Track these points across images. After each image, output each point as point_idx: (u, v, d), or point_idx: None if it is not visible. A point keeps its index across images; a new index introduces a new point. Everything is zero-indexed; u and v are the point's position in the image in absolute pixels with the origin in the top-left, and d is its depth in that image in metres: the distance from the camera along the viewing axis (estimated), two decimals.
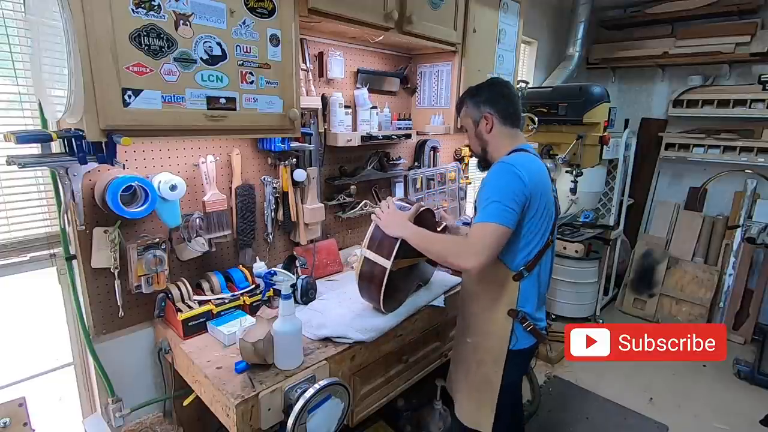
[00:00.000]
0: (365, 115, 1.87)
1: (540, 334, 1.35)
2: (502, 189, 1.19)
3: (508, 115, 1.34)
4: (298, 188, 1.71)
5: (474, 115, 1.37)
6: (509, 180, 1.20)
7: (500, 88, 1.36)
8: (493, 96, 1.34)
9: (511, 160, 1.24)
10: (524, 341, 1.34)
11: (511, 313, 1.31)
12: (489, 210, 1.18)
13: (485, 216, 1.18)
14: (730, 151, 3.37)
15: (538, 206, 1.24)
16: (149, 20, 1.03)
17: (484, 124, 1.35)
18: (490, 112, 1.33)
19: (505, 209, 1.17)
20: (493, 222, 1.16)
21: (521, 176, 1.19)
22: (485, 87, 1.38)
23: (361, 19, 1.51)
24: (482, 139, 1.37)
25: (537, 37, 3.41)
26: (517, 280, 1.29)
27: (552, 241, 1.33)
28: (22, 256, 1.28)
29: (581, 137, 2.40)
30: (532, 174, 1.22)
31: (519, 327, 1.32)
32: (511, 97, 1.35)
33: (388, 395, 1.55)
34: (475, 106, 1.36)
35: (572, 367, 2.83)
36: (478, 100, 1.36)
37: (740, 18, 3.25)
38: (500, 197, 1.18)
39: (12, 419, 1.20)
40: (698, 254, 3.53)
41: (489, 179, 1.24)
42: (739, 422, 2.39)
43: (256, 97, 1.27)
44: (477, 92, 1.38)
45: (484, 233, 1.17)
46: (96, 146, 1.07)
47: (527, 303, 1.32)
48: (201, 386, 1.24)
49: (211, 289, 1.49)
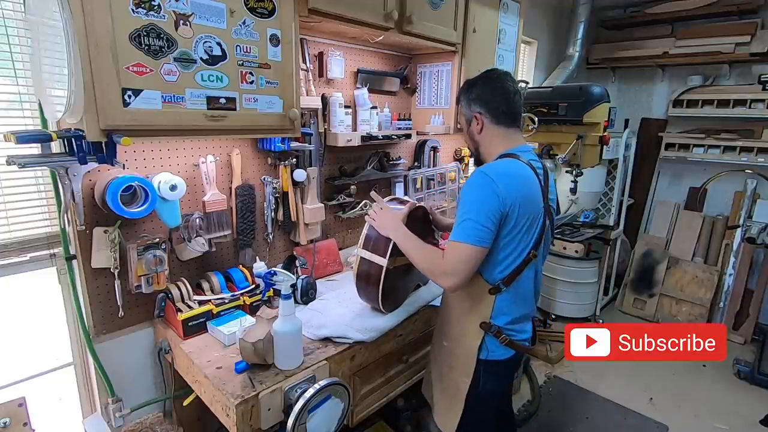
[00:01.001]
0: (365, 115, 1.87)
1: (520, 346, 1.28)
2: (476, 205, 1.13)
3: (501, 114, 1.24)
4: (298, 188, 1.71)
5: (466, 113, 1.30)
6: (484, 196, 1.13)
7: (494, 84, 1.26)
8: (485, 93, 1.25)
9: (488, 169, 1.16)
10: (499, 352, 1.26)
11: (483, 326, 1.24)
12: (463, 228, 1.13)
13: (460, 235, 1.13)
14: (730, 151, 3.37)
15: (517, 221, 1.15)
16: (149, 20, 1.03)
17: (474, 125, 1.27)
18: (480, 111, 1.25)
19: (480, 228, 1.11)
20: (467, 243, 1.11)
21: (496, 191, 1.11)
22: (479, 82, 1.27)
23: (361, 19, 1.51)
24: (473, 140, 1.31)
25: (537, 37, 3.41)
26: (492, 293, 1.21)
27: (535, 256, 1.22)
28: (22, 256, 1.28)
29: (581, 137, 2.39)
30: (511, 185, 1.14)
31: (492, 340, 1.25)
32: (505, 94, 1.24)
33: (388, 395, 1.55)
34: (467, 103, 1.29)
35: (572, 367, 2.82)
36: (470, 98, 1.27)
37: (740, 18, 3.25)
38: (475, 215, 1.12)
39: (12, 419, 1.20)
40: (698, 254, 3.53)
41: (465, 191, 1.17)
42: (739, 422, 2.39)
43: (256, 97, 1.27)
44: (471, 87, 1.28)
45: (458, 255, 1.13)
46: (96, 146, 1.07)
47: (502, 317, 1.24)
48: (201, 386, 1.24)
49: (211, 289, 1.49)
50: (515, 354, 1.29)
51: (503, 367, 1.32)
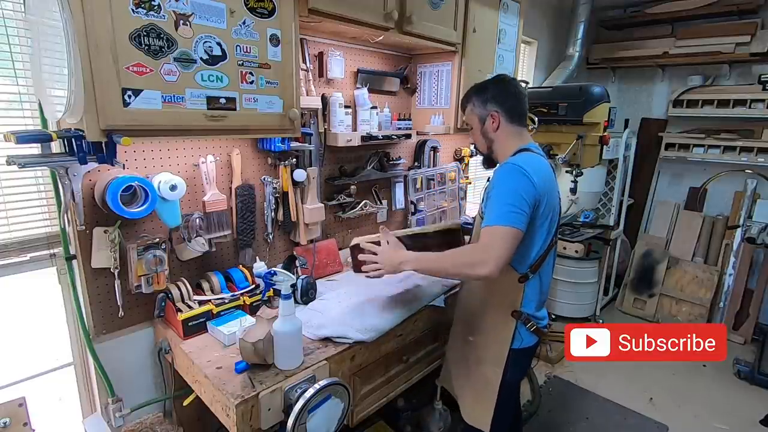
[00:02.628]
0: (365, 115, 1.87)
1: (542, 332, 1.36)
2: (511, 191, 1.16)
3: (515, 113, 1.33)
4: (298, 188, 1.71)
5: (480, 112, 1.35)
6: (518, 181, 1.17)
7: (507, 86, 1.35)
8: (500, 94, 1.32)
9: (519, 161, 1.22)
10: (528, 340, 1.35)
11: (515, 315, 1.31)
12: (499, 212, 1.14)
13: (496, 219, 1.14)
14: (730, 151, 3.37)
15: (545, 207, 1.23)
16: (149, 20, 1.03)
17: (490, 123, 1.33)
18: (497, 110, 1.32)
19: (516, 211, 1.14)
20: (505, 225, 1.12)
21: (530, 177, 1.17)
22: (492, 84, 1.36)
23: (361, 19, 1.50)
24: (488, 138, 1.36)
25: (537, 37, 3.41)
26: (522, 281, 1.28)
27: (555, 242, 1.33)
28: (22, 256, 1.28)
29: (581, 137, 2.40)
30: (540, 174, 1.21)
31: (522, 327, 1.32)
32: (518, 96, 1.34)
33: (388, 395, 1.55)
34: (482, 103, 1.34)
35: (572, 367, 2.82)
36: (485, 98, 1.34)
37: (740, 18, 3.25)
38: (511, 199, 1.15)
39: (12, 419, 1.20)
40: (698, 254, 3.52)
41: (498, 181, 1.21)
42: (739, 422, 2.39)
43: (256, 97, 1.27)
44: (484, 89, 1.35)
45: (496, 237, 1.12)
46: (96, 146, 1.07)
47: (530, 304, 1.32)
48: (201, 386, 1.24)
49: (211, 289, 1.49)
50: (537, 341, 1.37)
51: (528, 355, 1.41)
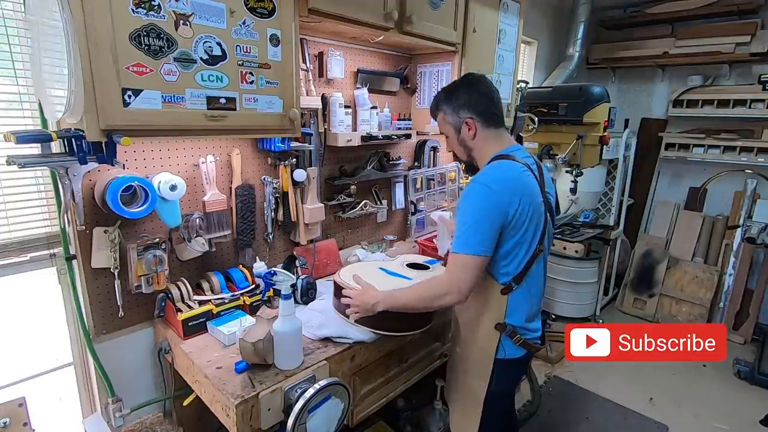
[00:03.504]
0: (365, 115, 1.87)
1: (532, 345, 1.30)
2: (476, 213, 1.14)
3: (491, 116, 1.25)
4: (298, 188, 1.71)
5: (454, 121, 1.27)
6: (483, 201, 1.14)
7: (478, 87, 1.26)
8: (472, 97, 1.24)
9: (486, 179, 1.17)
10: (514, 352, 1.28)
11: (499, 327, 1.25)
12: (464, 238, 1.14)
13: (461, 246, 1.14)
14: (730, 151, 3.37)
15: (522, 221, 1.17)
16: (149, 20, 1.03)
17: (466, 131, 1.26)
18: (472, 116, 1.24)
19: (480, 236, 1.12)
20: (469, 254, 1.13)
21: (496, 196, 1.13)
22: (462, 88, 1.27)
23: (361, 19, 1.50)
24: (466, 146, 1.29)
25: (537, 37, 3.42)
26: (505, 293, 1.23)
27: (542, 250, 1.25)
28: (22, 256, 1.28)
29: (581, 137, 2.40)
30: (511, 189, 1.15)
31: (507, 340, 1.26)
32: (491, 96, 1.26)
33: (388, 395, 1.55)
34: (453, 111, 1.27)
35: (572, 367, 2.82)
36: (456, 104, 1.26)
37: (740, 18, 3.25)
38: (474, 223, 1.13)
39: (12, 419, 1.20)
40: (698, 254, 3.53)
41: (463, 202, 1.18)
42: (739, 422, 2.39)
43: (256, 97, 1.26)
44: (454, 95, 1.27)
45: (458, 266, 1.14)
46: (96, 146, 1.07)
47: (516, 316, 1.26)
48: (201, 386, 1.24)
49: (211, 289, 1.49)
50: (527, 353, 1.31)
51: (516, 366, 1.34)
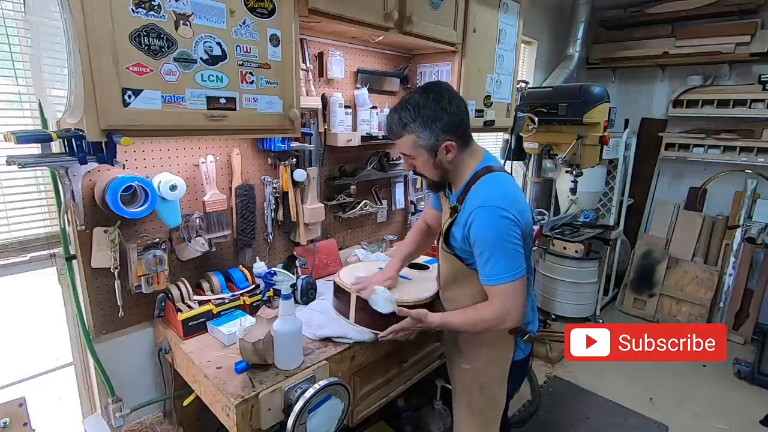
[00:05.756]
0: (365, 115, 1.87)
1: (535, 338, 1.35)
2: (499, 243, 1.11)
3: (466, 134, 1.19)
4: (298, 188, 1.71)
5: (428, 144, 1.14)
6: (507, 227, 1.11)
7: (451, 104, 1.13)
8: (452, 118, 1.13)
9: (495, 201, 1.12)
10: (525, 350, 1.34)
11: (512, 331, 1.27)
12: (503, 267, 1.12)
13: (505, 276, 1.12)
14: (730, 151, 3.37)
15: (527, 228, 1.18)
16: (149, 20, 1.03)
17: (444, 154, 1.16)
18: (451, 139, 1.14)
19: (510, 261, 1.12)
20: (514, 280, 1.13)
21: (513, 216, 1.11)
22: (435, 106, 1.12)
23: (361, 19, 1.50)
24: (443, 168, 1.20)
25: (537, 37, 3.41)
26: None
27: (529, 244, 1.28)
28: (22, 256, 1.28)
29: (581, 137, 2.40)
30: (518, 204, 1.14)
31: (520, 340, 1.30)
32: (462, 108, 1.16)
33: (388, 395, 1.55)
34: (430, 135, 1.13)
35: (572, 367, 2.83)
36: (433, 128, 1.12)
37: (740, 18, 3.25)
38: (502, 251, 1.12)
39: (12, 419, 1.20)
40: (698, 254, 3.52)
41: (480, 231, 1.12)
42: (739, 422, 2.39)
43: (256, 97, 1.26)
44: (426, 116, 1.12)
45: (510, 294, 1.14)
46: (96, 146, 1.07)
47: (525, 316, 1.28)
48: (201, 386, 1.24)
49: (211, 289, 1.49)
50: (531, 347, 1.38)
51: (524, 364, 1.38)
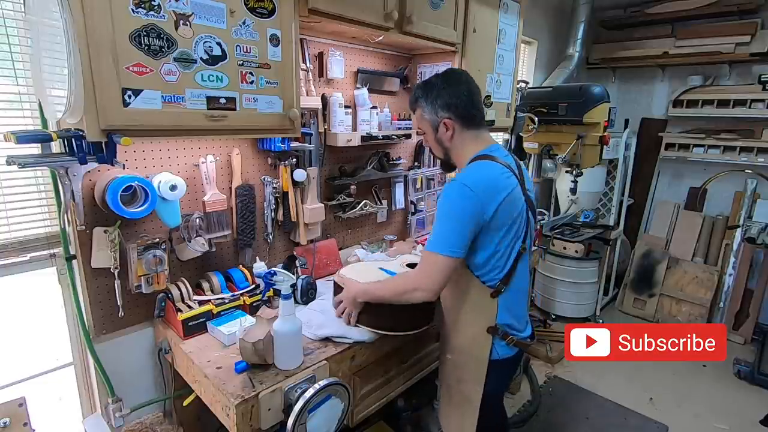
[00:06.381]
0: (365, 115, 1.87)
1: (524, 343, 1.30)
2: (454, 213, 1.12)
3: (470, 117, 1.22)
4: (298, 188, 1.71)
5: (431, 119, 1.24)
6: (462, 201, 1.12)
7: (458, 87, 1.21)
8: (451, 96, 1.20)
9: (467, 179, 1.14)
10: (505, 351, 1.28)
11: (491, 330, 1.24)
12: (440, 237, 1.13)
13: (434, 245, 1.14)
14: (730, 151, 3.37)
15: (504, 221, 1.16)
16: (149, 20, 1.03)
17: (444, 131, 1.23)
18: (450, 117, 1.21)
19: (453, 237, 1.12)
20: (442, 254, 1.12)
21: (476, 197, 1.11)
22: (441, 86, 1.22)
23: (361, 19, 1.50)
24: (443, 146, 1.27)
25: (537, 37, 3.41)
26: (494, 296, 1.22)
27: (525, 248, 1.24)
28: (22, 256, 1.28)
29: (581, 137, 2.39)
30: (492, 190, 1.13)
31: (499, 342, 1.26)
32: (470, 95, 1.21)
33: (388, 395, 1.55)
34: (431, 110, 1.23)
35: (572, 367, 2.83)
36: (434, 103, 1.22)
37: (740, 18, 3.25)
38: (450, 223, 1.12)
39: (12, 419, 1.20)
40: (698, 254, 3.52)
41: (441, 200, 1.16)
42: (739, 422, 2.39)
43: (256, 97, 1.26)
44: (431, 91, 1.23)
45: (432, 265, 1.15)
46: (96, 146, 1.07)
47: (506, 317, 1.25)
48: (201, 386, 1.24)
49: (211, 289, 1.49)
50: (519, 352, 1.32)
51: (508, 365, 1.34)
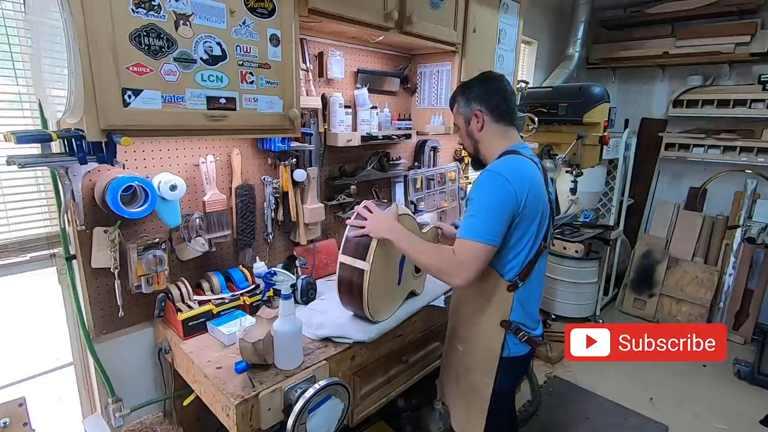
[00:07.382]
0: (365, 115, 1.87)
1: (535, 341, 1.30)
2: (488, 202, 1.14)
3: (501, 112, 1.27)
4: (298, 188, 1.71)
5: (465, 112, 1.31)
6: (497, 190, 1.14)
7: (493, 83, 1.29)
8: (484, 92, 1.27)
9: (500, 168, 1.17)
10: (518, 349, 1.29)
11: (504, 324, 1.25)
12: (475, 226, 1.14)
13: (471, 233, 1.14)
14: (730, 151, 3.37)
15: (530, 214, 1.18)
16: (149, 20, 1.03)
17: (474, 122, 1.29)
18: (481, 109, 1.27)
19: (491, 225, 1.13)
20: (478, 241, 1.12)
21: (510, 186, 1.13)
22: (476, 82, 1.30)
23: (361, 19, 1.50)
24: (473, 139, 1.32)
25: (537, 37, 3.41)
26: (511, 290, 1.23)
27: (545, 247, 1.27)
28: (22, 256, 1.28)
29: (581, 137, 2.39)
30: (523, 181, 1.16)
31: (512, 337, 1.26)
32: (504, 93, 1.28)
33: (388, 395, 1.55)
34: (465, 103, 1.30)
35: (572, 367, 2.82)
36: (468, 97, 1.29)
37: (740, 18, 3.25)
38: (486, 212, 1.13)
39: (12, 419, 1.20)
40: (698, 254, 3.52)
41: (477, 189, 1.18)
42: (739, 422, 2.39)
43: (256, 97, 1.27)
44: (468, 88, 1.31)
45: (469, 253, 1.14)
46: (96, 146, 1.07)
47: (521, 313, 1.26)
48: (201, 386, 1.24)
49: (211, 289, 1.49)
50: (530, 350, 1.33)
51: (520, 363, 1.35)
